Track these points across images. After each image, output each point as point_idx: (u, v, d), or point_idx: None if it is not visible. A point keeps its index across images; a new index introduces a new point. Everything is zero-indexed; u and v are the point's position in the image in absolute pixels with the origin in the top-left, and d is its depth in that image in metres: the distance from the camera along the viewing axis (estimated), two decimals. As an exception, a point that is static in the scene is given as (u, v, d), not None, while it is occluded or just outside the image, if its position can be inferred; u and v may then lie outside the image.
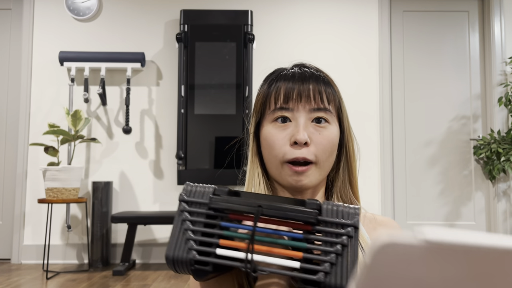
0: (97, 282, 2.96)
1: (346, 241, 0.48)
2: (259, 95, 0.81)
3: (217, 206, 0.53)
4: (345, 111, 0.81)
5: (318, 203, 0.50)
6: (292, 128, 0.75)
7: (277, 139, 0.75)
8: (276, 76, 0.79)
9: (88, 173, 3.70)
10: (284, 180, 0.76)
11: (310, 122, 0.76)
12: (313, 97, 0.76)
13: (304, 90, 0.76)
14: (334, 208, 0.49)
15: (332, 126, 0.77)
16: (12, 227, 3.70)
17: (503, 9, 3.81)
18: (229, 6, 3.79)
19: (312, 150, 0.75)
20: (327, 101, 0.76)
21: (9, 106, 3.84)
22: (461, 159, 3.79)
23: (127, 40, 3.79)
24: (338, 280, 0.47)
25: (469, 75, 3.86)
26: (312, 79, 0.77)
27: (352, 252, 0.47)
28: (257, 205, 0.51)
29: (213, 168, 3.59)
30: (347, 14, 3.83)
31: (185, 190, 0.55)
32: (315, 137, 0.75)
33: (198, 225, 0.53)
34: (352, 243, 0.48)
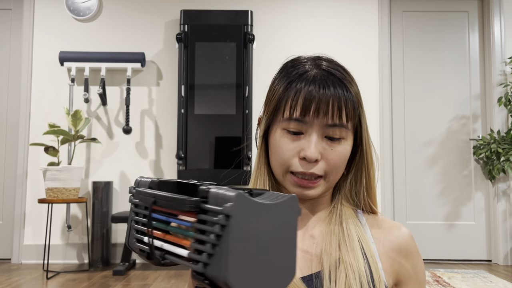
0: (97, 282, 2.96)
1: (219, 230, 0.44)
2: (274, 96, 0.75)
3: (131, 200, 0.57)
4: (364, 122, 0.76)
5: (207, 189, 0.47)
6: (304, 142, 0.71)
7: (286, 150, 0.72)
8: (295, 77, 0.74)
9: (88, 173, 3.71)
10: (287, 188, 0.75)
11: (323, 137, 0.72)
12: (332, 113, 0.70)
13: (323, 103, 0.70)
14: (218, 193, 0.46)
15: (347, 142, 0.74)
16: (13, 227, 3.70)
17: (503, 9, 3.81)
18: (229, 6, 3.79)
19: (322, 166, 0.72)
20: (346, 118, 0.72)
21: (9, 106, 3.84)
22: (461, 159, 3.80)
23: (127, 40, 3.80)
24: (215, 271, 0.44)
25: (469, 75, 3.86)
26: (334, 87, 0.71)
27: (231, 241, 0.43)
28: (153, 196, 0.52)
29: (213, 168, 3.59)
30: (347, 14, 3.83)
31: (135, 182, 0.59)
32: (327, 153, 0.72)
33: (139, 215, 0.56)
34: (227, 232, 0.43)
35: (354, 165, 0.79)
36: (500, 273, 3.27)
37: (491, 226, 3.72)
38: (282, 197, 0.49)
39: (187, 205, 0.47)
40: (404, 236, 0.77)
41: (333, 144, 0.72)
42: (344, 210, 0.78)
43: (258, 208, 0.46)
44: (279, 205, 0.47)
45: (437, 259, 3.73)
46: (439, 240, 3.74)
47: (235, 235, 0.44)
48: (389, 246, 0.76)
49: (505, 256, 3.62)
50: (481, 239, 3.74)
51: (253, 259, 0.45)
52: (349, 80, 0.74)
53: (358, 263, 0.70)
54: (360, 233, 0.75)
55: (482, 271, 3.30)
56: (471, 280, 2.99)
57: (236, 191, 0.45)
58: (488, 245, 3.73)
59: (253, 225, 0.45)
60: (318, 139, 0.71)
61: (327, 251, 0.72)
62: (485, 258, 3.73)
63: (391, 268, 0.75)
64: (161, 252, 0.51)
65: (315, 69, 0.74)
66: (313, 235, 0.77)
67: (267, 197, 0.49)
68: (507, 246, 3.64)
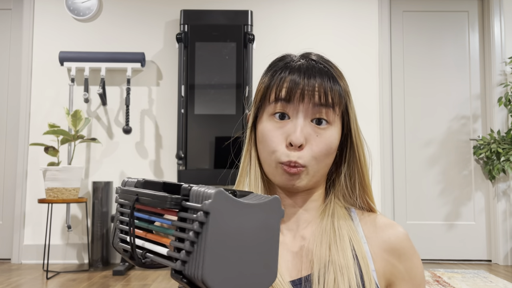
0: (97, 282, 2.96)
1: (197, 227, 0.43)
2: (261, 84, 0.76)
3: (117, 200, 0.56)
4: (352, 112, 0.75)
5: (188, 188, 0.47)
6: (290, 127, 0.71)
7: (273, 136, 0.71)
8: (280, 67, 0.74)
9: (88, 173, 3.71)
10: (276, 179, 0.73)
11: (309, 122, 0.71)
12: (318, 94, 0.70)
13: (309, 86, 0.70)
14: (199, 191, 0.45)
15: (333, 128, 0.72)
16: (12, 227, 3.70)
17: (503, 9, 3.81)
18: (229, 6, 3.79)
19: (305, 153, 0.70)
20: (332, 101, 0.71)
21: (9, 106, 3.84)
22: (461, 159, 3.80)
23: (127, 40, 3.80)
24: (193, 269, 0.43)
25: (469, 75, 3.86)
26: (320, 75, 0.71)
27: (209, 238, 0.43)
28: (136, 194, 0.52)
29: (213, 168, 3.59)
30: (347, 14, 3.83)
31: (122, 183, 0.58)
32: (312, 139, 0.71)
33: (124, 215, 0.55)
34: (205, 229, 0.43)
35: (346, 160, 0.78)
36: (500, 273, 3.27)
37: (491, 226, 3.72)
38: (265, 198, 0.48)
39: (168, 202, 0.46)
40: (398, 236, 0.75)
41: (319, 130, 0.71)
42: (336, 209, 0.76)
43: (239, 206, 0.45)
44: (261, 205, 0.47)
45: (437, 259, 3.73)
46: (439, 240, 3.74)
47: (213, 232, 0.43)
48: (382, 246, 0.74)
49: (505, 256, 3.62)
50: (481, 239, 3.73)
51: (232, 259, 0.44)
52: (336, 73, 0.74)
53: (348, 264, 0.68)
54: (351, 233, 0.73)
55: (482, 271, 3.30)
56: (471, 280, 2.99)
57: (217, 188, 0.44)
58: (488, 245, 3.73)
59: (233, 224, 0.45)
60: (304, 123, 0.70)
61: (317, 252, 0.71)
62: (485, 258, 3.73)
63: (384, 269, 0.73)
64: (142, 251, 0.51)
65: (301, 60, 0.74)
66: (304, 236, 0.75)
67: (250, 198, 0.48)
68: (507, 246, 3.64)
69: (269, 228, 0.47)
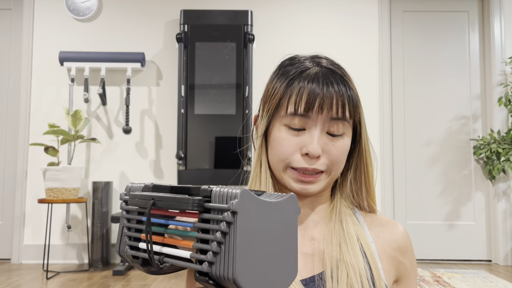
0: (97, 282, 2.96)
1: (225, 227, 0.43)
2: (275, 93, 0.75)
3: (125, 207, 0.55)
4: (363, 120, 0.77)
5: (209, 190, 0.47)
6: (306, 138, 0.71)
7: (288, 145, 0.72)
8: (295, 75, 0.74)
9: (88, 173, 3.71)
10: (287, 184, 0.74)
11: (325, 132, 0.72)
12: (336, 108, 0.71)
13: (327, 99, 0.71)
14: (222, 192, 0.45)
15: (346, 137, 0.74)
16: (12, 227, 3.70)
17: (503, 9, 3.81)
18: (229, 6, 3.79)
19: (323, 161, 0.72)
20: (349, 114, 0.72)
21: (9, 106, 3.84)
22: (461, 159, 3.79)
23: (127, 40, 3.80)
24: (221, 270, 0.43)
25: (469, 75, 3.86)
26: (337, 84, 0.72)
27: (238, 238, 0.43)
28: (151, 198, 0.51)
29: (213, 168, 3.59)
30: (347, 14, 3.83)
31: (126, 189, 0.58)
32: (328, 148, 0.72)
33: (132, 221, 0.55)
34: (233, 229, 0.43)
35: (353, 163, 0.79)
36: (500, 273, 3.27)
37: (491, 226, 3.72)
38: (282, 196, 0.48)
39: (190, 204, 0.46)
40: (401, 234, 0.78)
41: (334, 139, 0.72)
42: (343, 210, 0.78)
43: (262, 205, 0.45)
44: (280, 203, 0.47)
45: (437, 259, 3.73)
46: (439, 240, 3.74)
47: (242, 232, 0.43)
48: (388, 245, 0.77)
49: (505, 256, 3.62)
50: (481, 239, 3.73)
51: (258, 257, 0.45)
52: (349, 78, 0.75)
53: (358, 262, 0.70)
54: (359, 232, 0.75)
55: (482, 271, 3.29)
56: (471, 280, 2.99)
57: (242, 188, 0.45)
58: (488, 245, 3.72)
59: (258, 222, 0.45)
60: (320, 134, 0.71)
61: (328, 251, 0.72)
62: (485, 258, 3.73)
63: (391, 266, 0.75)
64: (160, 256, 0.51)
65: (316, 67, 0.74)
66: (313, 236, 0.76)
67: (268, 196, 0.48)
68: (507, 246, 3.64)
69: (288, 225, 0.48)
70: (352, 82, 0.75)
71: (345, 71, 0.76)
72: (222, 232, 0.44)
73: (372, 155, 0.80)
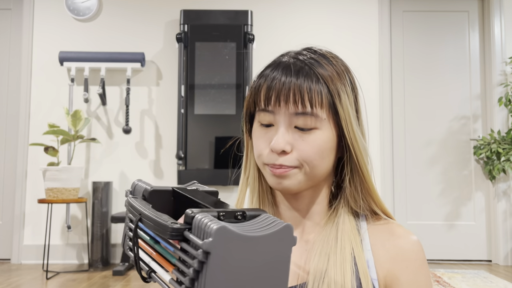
0: (97, 282, 2.96)
1: (197, 265, 0.41)
2: (250, 90, 0.73)
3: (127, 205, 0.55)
4: (344, 113, 0.69)
5: (192, 216, 0.44)
6: (273, 133, 0.69)
7: (260, 142, 0.70)
8: (266, 67, 0.72)
9: (88, 173, 3.71)
10: (267, 180, 0.72)
11: (293, 127, 0.68)
12: (293, 100, 0.66)
13: (284, 91, 0.67)
14: (201, 223, 0.42)
15: (321, 131, 0.68)
16: (12, 227, 3.70)
17: (503, 9, 3.81)
18: (229, 6, 3.79)
19: (294, 156, 0.68)
20: (310, 104, 0.66)
21: (9, 106, 3.84)
22: (461, 159, 3.79)
23: (127, 40, 3.79)
24: None
25: (469, 75, 3.86)
26: (298, 76, 0.67)
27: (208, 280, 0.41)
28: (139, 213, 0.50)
29: (213, 168, 3.59)
30: (347, 14, 3.83)
31: (132, 185, 0.57)
32: (297, 144, 0.68)
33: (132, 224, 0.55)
34: (205, 268, 0.41)
35: (347, 163, 0.73)
36: (500, 273, 3.27)
37: (491, 226, 3.71)
38: (275, 225, 0.45)
39: (169, 233, 0.44)
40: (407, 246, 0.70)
41: (303, 134, 0.68)
42: (342, 216, 0.73)
43: (244, 241, 0.42)
44: (269, 236, 0.44)
45: (437, 259, 3.72)
46: (439, 240, 3.74)
47: (213, 273, 0.41)
48: (388, 255, 0.70)
49: (505, 256, 3.62)
50: (481, 239, 3.73)
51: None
52: (324, 72, 0.69)
53: (344, 278, 0.66)
54: (354, 243, 0.70)
55: (482, 271, 3.29)
56: (471, 280, 2.99)
57: (219, 224, 0.41)
58: (488, 245, 3.72)
59: (237, 259, 0.42)
60: (287, 129, 0.68)
61: (314, 262, 0.69)
62: (485, 258, 3.72)
63: (386, 278, 0.69)
64: (148, 270, 0.50)
65: (289, 59, 0.71)
66: (308, 240, 0.73)
67: (260, 223, 0.45)
68: (507, 246, 3.63)
69: (279, 257, 0.45)
70: (334, 76, 0.69)
71: (326, 63, 0.70)
72: (195, 269, 0.42)
73: (364, 152, 0.73)
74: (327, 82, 0.68)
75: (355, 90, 0.74)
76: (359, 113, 0.75)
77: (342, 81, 0.70)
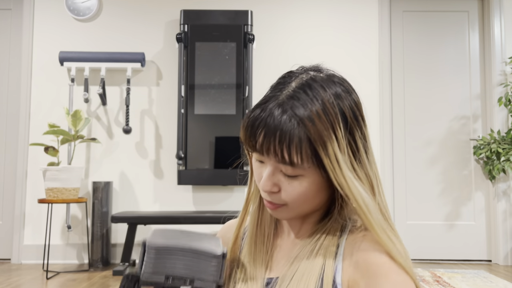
0: (97, 282, 2.96)
1: None
2: (243, 122, 0.69)
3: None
4: (332, 158, 0.63)
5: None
6: (264, 169, 0.68)
7: (256, 174, 0.70)
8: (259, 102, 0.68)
9: (88, 173, 3.71)
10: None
11: (279, 170, 0.66)
12: (274, 154, 0.64)
13: (265, 145, 0.64)
14: None
15: (306, 177, 0.65)
16: (12, 227, 3.70)
17: (503, 9, 3.81)
18: (229, 6, 3.79)
19: (282, 196, 0.67)
20: (290, 160, 0.63)
21: (9, 106, 3.84)
22: (461, 159, 3.79)
23: (127, 40, 3.80)
24: None
25: (469, 75, 3.86)
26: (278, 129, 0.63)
27: None
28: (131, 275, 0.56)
29: (213, 168, 3.59)
30: (347, 14, 3.83)
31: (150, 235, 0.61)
32: (284, 186, 0.67)
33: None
34: None
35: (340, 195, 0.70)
36: (500, 273, 3.27)
37: (491, 226, 3.72)
38: None
39: None
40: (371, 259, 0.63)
41: (289, 178, 0.66)
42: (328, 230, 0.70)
43: None
44: None
45: (437, 259, 3.73)
46: (439, 240, 3.74)
47: None
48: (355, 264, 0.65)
49: (505, 256, 3.62)
50: (481, 239, 3.73)
51: None
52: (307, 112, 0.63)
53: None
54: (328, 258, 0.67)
55: (482, 271, 3.29)
56: (471, 280, 2.99)
57: None
58: (488, 245, 3.72)
59: None
60: (273, 172, 0.66)
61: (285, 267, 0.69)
62: (485, 258, 3.73)
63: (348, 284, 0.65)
64: None
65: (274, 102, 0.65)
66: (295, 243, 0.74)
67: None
68: (507, 246, 3.64)
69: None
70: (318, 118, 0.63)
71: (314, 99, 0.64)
72: None
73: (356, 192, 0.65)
74: (308, 131, 0.63)
75: (353, 124, 0.67)
76: (360, 150, 0.68)
77: (331, 122, 0.64)
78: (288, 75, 0.70)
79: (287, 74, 0.71)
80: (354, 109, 0.68)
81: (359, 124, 0.69)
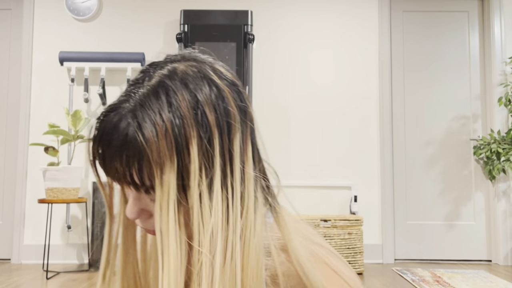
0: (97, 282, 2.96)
1: None
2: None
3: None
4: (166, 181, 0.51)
5: None
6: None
7: (123, 200, 0.66)
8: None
9: (88, 173, 3.71)
10: None
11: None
12: (118, 178, 0.55)
13: (106, 165, 0.57)
14: None
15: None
16: (12, 227, 3.70)
17: (503, 9, 3.81)
18: (229, 6, 3.79)
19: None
20: (141, 183, 0.53)
21: (9, 106, 3.84)
22: (461, 159, 3.80)
23: (127, 40, 3.80)
24: None
25: (469, 75, 3.86)
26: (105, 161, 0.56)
27: None
28: None
29: (213, 168, 3.58)
30: (347, 14, 3.83)
31: None
32: (151, 207, 0.58)
33: None
34: None
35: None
36: (500, 273, 3.27)
37: (491, 226, 3.72)
38: None
39: None
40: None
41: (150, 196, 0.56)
42: None
43: None
44: None
45: (437, 259, 3.73)
46: (439, 240, 3.74)
47: None
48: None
49: (505, 256, 3.62)
50: (481, 239, 3.73)
51: None
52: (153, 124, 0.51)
53: None
54: None
55: (482, 271, 3.30)
56: (471, 280, 2.99)
57: None
58: (488, 245, 3.72)
59: None
60: (137, 194, 0.57)
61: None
62: (485, 258, 3.73)
63: None
64: None
65: (97, 123, 0.58)
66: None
67: None
68: (507, 246, 3.64)
69: None
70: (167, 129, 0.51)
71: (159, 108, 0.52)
72: None
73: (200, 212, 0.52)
74: (150, 150, 0.52)
75: (221, 135, 0.53)
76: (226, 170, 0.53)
77: (179, 139, 0.51)
78: (147, 69, 0.59)
79: (147, 67, 0.59)
80: (226, 115, 0.54)
81: (230, 132, 0.54)
